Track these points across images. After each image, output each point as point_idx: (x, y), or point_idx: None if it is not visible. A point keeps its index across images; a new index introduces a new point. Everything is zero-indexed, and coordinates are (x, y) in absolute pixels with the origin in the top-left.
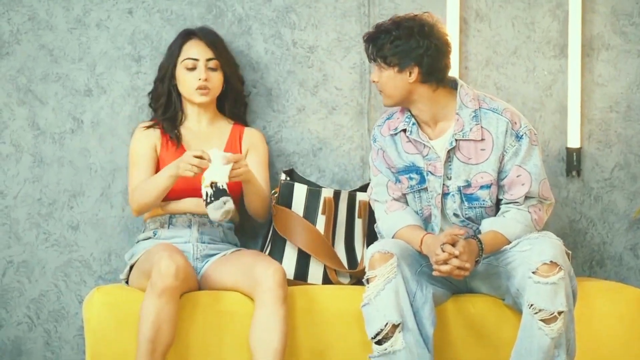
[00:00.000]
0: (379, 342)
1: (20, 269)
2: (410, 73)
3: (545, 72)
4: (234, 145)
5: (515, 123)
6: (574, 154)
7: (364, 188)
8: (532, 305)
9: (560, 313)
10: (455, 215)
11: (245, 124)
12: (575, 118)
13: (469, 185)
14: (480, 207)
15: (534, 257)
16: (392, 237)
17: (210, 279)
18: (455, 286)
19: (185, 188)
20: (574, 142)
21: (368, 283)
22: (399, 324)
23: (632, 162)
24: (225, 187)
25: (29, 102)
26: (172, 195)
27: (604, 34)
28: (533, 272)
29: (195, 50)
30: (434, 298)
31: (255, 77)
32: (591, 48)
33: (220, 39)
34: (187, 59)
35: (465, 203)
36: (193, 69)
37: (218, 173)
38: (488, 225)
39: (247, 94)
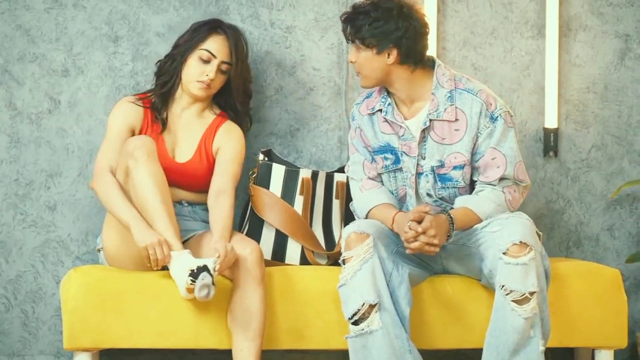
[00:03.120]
0: (355, 323)
1: None
2: (388, 55)
3: (522, 53)
4: (208, 136)
5: (491, 104)
6: (551, 134)
7: (341, 169)
8: (503, 286)
9: (532, 294)
10: (429, 195)
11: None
12: (553, 98)
13: (442, 165)
14: (454, 187)
15: (504, 238)
16: (366, 216)
17: None
18: (432, 267)
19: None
20: (551, 122)
21: (344, 264)
22: (376, 304)
23: (609, 142)
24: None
25: (5, 83)
26: None
27: (581, 15)
28: (503, 253)
29: (217, 46)
30: (410, 278)
31: None
32: (569, 29)
33: (244, 48)
34: (206, 50)
35: (439, 183)
36: (207, 62)
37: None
38: (461, 202)
39: (252, 107)
